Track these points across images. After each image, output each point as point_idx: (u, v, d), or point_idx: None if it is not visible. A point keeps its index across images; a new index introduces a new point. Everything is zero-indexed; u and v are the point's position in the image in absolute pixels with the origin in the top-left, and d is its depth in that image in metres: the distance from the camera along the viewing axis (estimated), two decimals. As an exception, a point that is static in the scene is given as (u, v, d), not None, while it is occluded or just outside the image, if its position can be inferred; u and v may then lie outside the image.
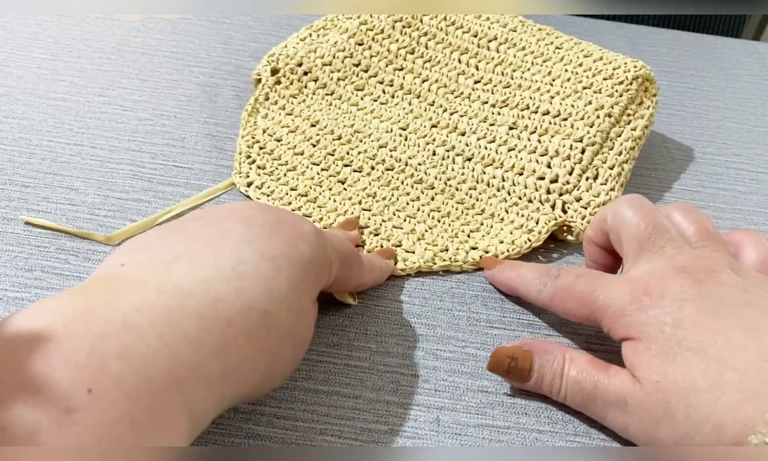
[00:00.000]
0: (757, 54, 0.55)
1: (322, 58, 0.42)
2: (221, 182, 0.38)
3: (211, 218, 0.25)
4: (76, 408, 0.17)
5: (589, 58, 0.41)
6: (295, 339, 0.24)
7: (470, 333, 0.32)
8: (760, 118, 0.48)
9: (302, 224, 0.26)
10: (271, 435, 0.27)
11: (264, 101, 0.42)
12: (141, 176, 0.37)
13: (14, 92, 0.42)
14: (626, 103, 0.39)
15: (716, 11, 0.75)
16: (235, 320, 0.21)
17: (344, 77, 0.42)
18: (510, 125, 0.39)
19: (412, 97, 0.42)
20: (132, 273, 0.22)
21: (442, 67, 0.42)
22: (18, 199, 0.35)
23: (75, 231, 0.33)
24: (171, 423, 0.19)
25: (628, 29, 0.56)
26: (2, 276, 0.31)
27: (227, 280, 0.22)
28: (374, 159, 0.39)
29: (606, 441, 0.28)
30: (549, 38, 0.42)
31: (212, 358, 0.20)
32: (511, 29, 0.43)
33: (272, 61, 0.43)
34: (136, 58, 0.46)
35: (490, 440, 0.28)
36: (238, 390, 0.22)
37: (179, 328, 0.20)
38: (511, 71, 0.41)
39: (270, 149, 0.39)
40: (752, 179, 0.43)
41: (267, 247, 0.23)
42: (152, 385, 0.18)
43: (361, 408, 0.28)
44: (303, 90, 0.42)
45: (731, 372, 0.23)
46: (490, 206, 0.37)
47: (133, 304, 0.20)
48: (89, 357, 0.18)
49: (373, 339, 0.31)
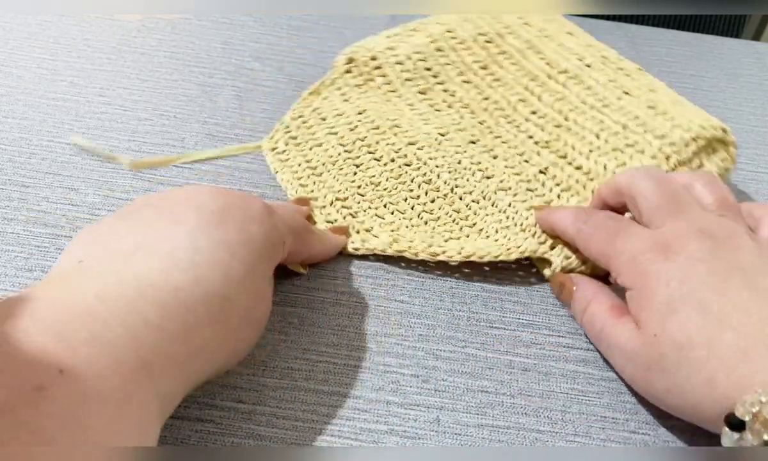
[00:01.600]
0: (757, 54, 0.55)
1: (396, 57, 0.43)
2: (221, 181, 0.38)
3: (165, 205, 0.25)
4: (48, 386, 0.17)
5: (652, 110, 0.37)
6: (254, 318, 0.25)
7: (470, 333, 0.32)
8: (760, 118, 0.48)
9: (252, 205, 0.26)
10: (271, 435, 0.27)
11: (329, 85, 0.43)
12: (141, 176, 0.37)
13: (14, 92, 0.42)
14: (672, 166, 0.35)
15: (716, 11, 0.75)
16: (196, 307, 0.22)
17: (411, 79, 0.42)
18: (541, 169, 0.37)
19: (467, 111, 0.41)
20: (91, 268, 0.22)
21: (507, 90, 0.41)
22: (18, 199, 0.35)
23: (105, 154, 0.36)
24: (142, 404, 0.20)
25: (628, 29, 0.56)
26: (2, 276, 0.31)
27: (185, 269, 0.22)
28: (398, 153, 0.39)
29: (606, 441, 0.28)
30: (622, 80, 0.39)
31: (177, 343, 0.21)
32: (587, 64, 0.40)
33: (353, 51, 0.44)
34: (136, 58, 0.46)
35: (490, 440, 0.28)
36: (205, 369, 0.23)
37: (141, 316, 0.20)
38: (567, 111, 0.39)
39: (310, 124, 0.41)
40: (752, 179, 0.43)
41: (221, 233, 0.24)
42: (121, 367, 0.19)
43: (361, 408, 0.28)
44: (369, 82, 0.43)
45: (730, 331, 0.24)
46: (483, 222, 0.36)
47: (95, 294, 0.20)
48: (58, 342, 0.18)
49: (373, 339, 0.31)
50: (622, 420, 0.29)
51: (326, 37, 0.51)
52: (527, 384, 0.30)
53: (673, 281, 0.25)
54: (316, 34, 0.51)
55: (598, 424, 0.29)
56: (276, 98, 0.44)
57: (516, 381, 0.30)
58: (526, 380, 0.30)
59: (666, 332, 0.25)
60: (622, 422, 0.29)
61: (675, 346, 0.25)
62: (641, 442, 0.28)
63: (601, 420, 0.29)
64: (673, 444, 0.28)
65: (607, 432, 0.28)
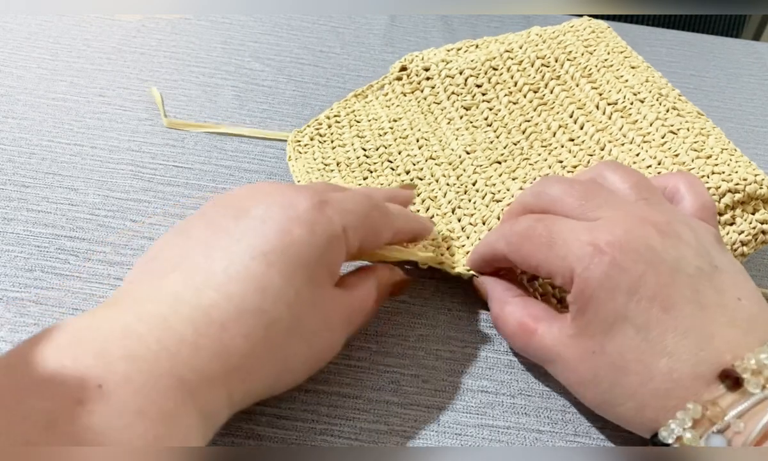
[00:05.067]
0: (757, 54, 0.55)
1: (449, 70, 0.43)
2: (221, 181, 0.38)
3: (210, 214, 0.25)
4: (87, 400, 0.18)
5: (695, 153, 0.35)
6: (304, 331, 0.24)
7: (470, 333, 0.32)
8: (760, 118, 0.48)
9: (297, 203, 0.24)
10: (271, 435, 0.27)
11: (377, 90, 0.44)
12: (141, 176, 0.37)
13: (14, 92, 0.42)
14: None
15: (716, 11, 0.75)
16: (229, 324, 0.21)
17: (459, 93, 0.42)
18: None
19: (504, 130, 0.40)
20: (135, 289, 0.23)
21: (550, 115, 0.40)
22: (18, 199, 0.35)
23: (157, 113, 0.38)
24: (181, 420, 0.19)
25: (629, 29, 0.56)
26: (2, 276, 0.31)
27: (218, 285, 0.22)
28: (415, 165, 0.38)
29: (606, 441, 0.28)
30: (672, 120, 0.37)
31: (212, 360, 0.21)
32: (639, 99, 0.38)
33: (407, 60, 0.44)
34: (136, 58, 0.46)
35: (490, 440, 0.28)
36: (249, 387, 0.23)
37: (176, 333, 0.20)
38: (606, 142, 0.37)
39: (342, 124, 0.41)
40: (752, 179, 0.43)
41: (258, 242, 0.23)
42: (158, 383, 0.19)
43: (361, 408, 0.28)
44: (415, 92, 0.43)
45: (666, 358, 0.23)
46: (471, 246, 0.34)
47: (134, 313, 0.21)
48: (96, 359, 0.19)
49: (373, 339, 0.31)
50: (622, 420, 0.29)
51: (326, 37, 0.51)
52: (527, 384, 0.30)
53: (619, 295, 0.24)
54: (316, 34, 0.51)
55: (598, 424, 0.29)
56: (276, 98, 0.44)
57: (516, 381, 0.30)
58: (526, 380, 0.30)
59: (605, 351, 0.24)
60: (622, 422, 0.29)
61: (611, 368, 0.24)
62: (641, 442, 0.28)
63: (601, 420, 0.29)
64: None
65: (607, 432, 0.28)
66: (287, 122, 0.42)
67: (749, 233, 0.33)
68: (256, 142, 0.41)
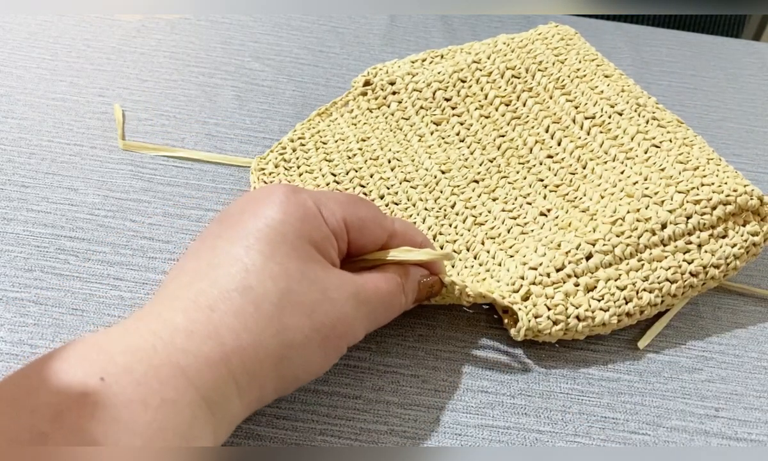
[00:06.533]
0: (757, 54, 0.55)
1: (415, 84, 0.41)
2: (221, 181, 0.38)
3: (206, 230, 0.26)
4: (90, 392, 0.19)
5: (681, 165, 0.34)
6: (298, 301, 0.24)
7: (470, 333, 0.32)
8: (760, 118, 0.48)
9: (273, 192, 0.25)
10: (271, 435, 0.27)
11: (341, 107, 0.42)
12: (141, 176, 0.37)
13: (14, 92, 0.42)
14: (691, 228, 0.32)
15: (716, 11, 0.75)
16: (217, 305, 0.22)
17: (427, 108, 0.40)
18: (542, 211, 0.35)
19: (478, 147, 0.39)
20: (149, 302, 0.24)
21: (525, 129, 0.39)
22: (18, 199, 0.35)
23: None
24: (184, 408, 0.20)
25: (629, 29, 0.56)
26: (2, 276, 0.31)
27: (204, 275, 0.23)
28: (389, 189, 0.37)
29: (606, 441, 0.28)
30: (654, 132, 0.36)
31: (205, 341, 0.22)
32: (617, 112, 0.37)
33: (371, 73, 0.42)
34: (136, 58, 0.46)
35: (490, 440, 0.28)
36: (253, 369, 0.22)
37: (169, 323, 0.22)
38: (587, 159, 0.36)
39: (308, 147, 0.39)
40: (752, 179, 0.43)
41: (234, 232, 0.24)
42: (158, 372, 0.20)
43: (361, 408, 0.28)
44: (382, 107, 0.41)
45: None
46: (458, 276, 0.33)
47: (133, 318, 0.23)
48: (98, 355, 0.20)
49: (373, 339, 0.31)
50: (622, 420, 0.29)
51: (326, 37, 0.51)
52: (527, 384, 0.30)
53: None
54: (316, 34, 0.51)
55: (598, 424, 0.29)
56: (276, 98, 0.44)
57: (516, 381, 0.30)
58: (526, 380, 0.30)
59: None
60: (622, 422, 0.29)
61: None
62: (641, 442, 0.28)
63: (601, 420, 0.29)
64: (672, 444, 0.28)
65: (607, 432, 0.28)
66: (287, 122, 0.42)
67: (741, 246, 0.33)
68: (256, 141, 0.41)
